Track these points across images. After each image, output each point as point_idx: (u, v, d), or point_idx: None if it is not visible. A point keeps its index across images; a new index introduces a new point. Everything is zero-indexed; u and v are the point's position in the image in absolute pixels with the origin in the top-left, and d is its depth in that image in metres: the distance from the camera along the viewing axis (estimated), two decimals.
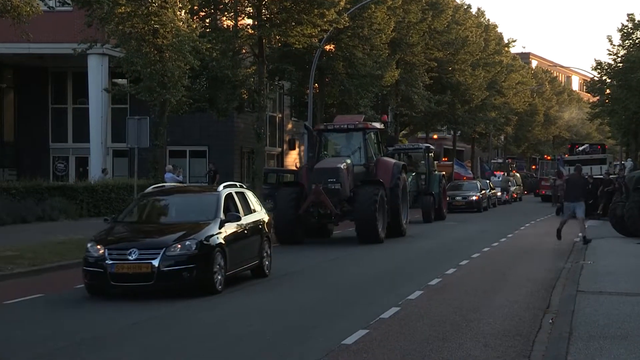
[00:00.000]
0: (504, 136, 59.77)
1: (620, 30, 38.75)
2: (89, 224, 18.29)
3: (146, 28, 19.13)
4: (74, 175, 29.12)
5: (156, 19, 19.04)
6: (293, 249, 17.05)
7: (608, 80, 40.18)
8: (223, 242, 10.55)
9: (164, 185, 13.25)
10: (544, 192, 42.05)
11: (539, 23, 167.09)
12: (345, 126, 19.68)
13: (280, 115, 37.91)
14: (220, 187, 11.63)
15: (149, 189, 12.20)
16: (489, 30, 49.30)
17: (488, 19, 51.51)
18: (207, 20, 24.46)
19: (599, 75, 41.20)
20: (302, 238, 18.22)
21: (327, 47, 28.13)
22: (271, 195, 21.47)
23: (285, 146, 38.14)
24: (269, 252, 12.28)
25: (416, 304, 9.90)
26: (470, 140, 53.18)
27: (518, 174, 50.55)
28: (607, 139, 60.71)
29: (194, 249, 10.12)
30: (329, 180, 17.77)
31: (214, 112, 24.87)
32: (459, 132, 47.35)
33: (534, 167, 51.55)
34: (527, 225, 25.13)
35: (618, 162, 39.91)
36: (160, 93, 19.29)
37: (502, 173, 48.67)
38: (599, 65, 40.00)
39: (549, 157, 59.26)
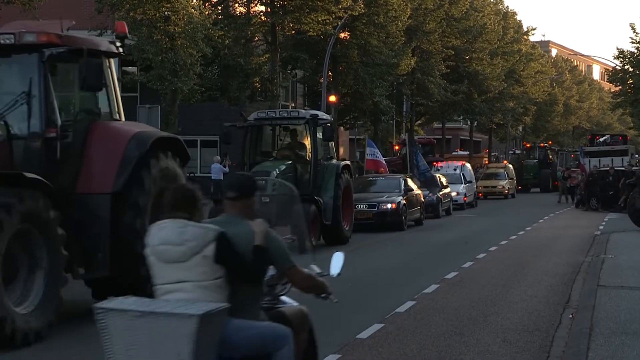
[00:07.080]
0: (522, 127, 59.01)
1: None
2: None
3: (157, 15, 18.91)
4: None
5: (168, 5, 18.81)
6: None
7: (630, 70, 39.42)
8: None
9: None
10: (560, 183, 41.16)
11: (559, 10, 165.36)
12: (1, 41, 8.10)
13: (293, 105, 37.56)
14: None
15: None
16: (507, 17, 48.60)
17: (507, 6, 50.94)
18: (220, 7, 24.23)
19: (621, 64, 40.41)
20: None
21: (342, 35, 27.71)
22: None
23: None
24: None
25: (432, 297, 9.71)
26: (487, 131, 52.53)
27: (510, 165, 40.24)
28: (628, 130, 59.81)
29: None
30: None
31: (225, 101, 24.60)
32: (476, 122, 46.75)
33: (550, 159, 49.53)
34: (545, 218, 24.67)
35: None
36: (171, 81, 19.06)
37: (463, 163, 31.78)
38: (621, 53, 39.24)
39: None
